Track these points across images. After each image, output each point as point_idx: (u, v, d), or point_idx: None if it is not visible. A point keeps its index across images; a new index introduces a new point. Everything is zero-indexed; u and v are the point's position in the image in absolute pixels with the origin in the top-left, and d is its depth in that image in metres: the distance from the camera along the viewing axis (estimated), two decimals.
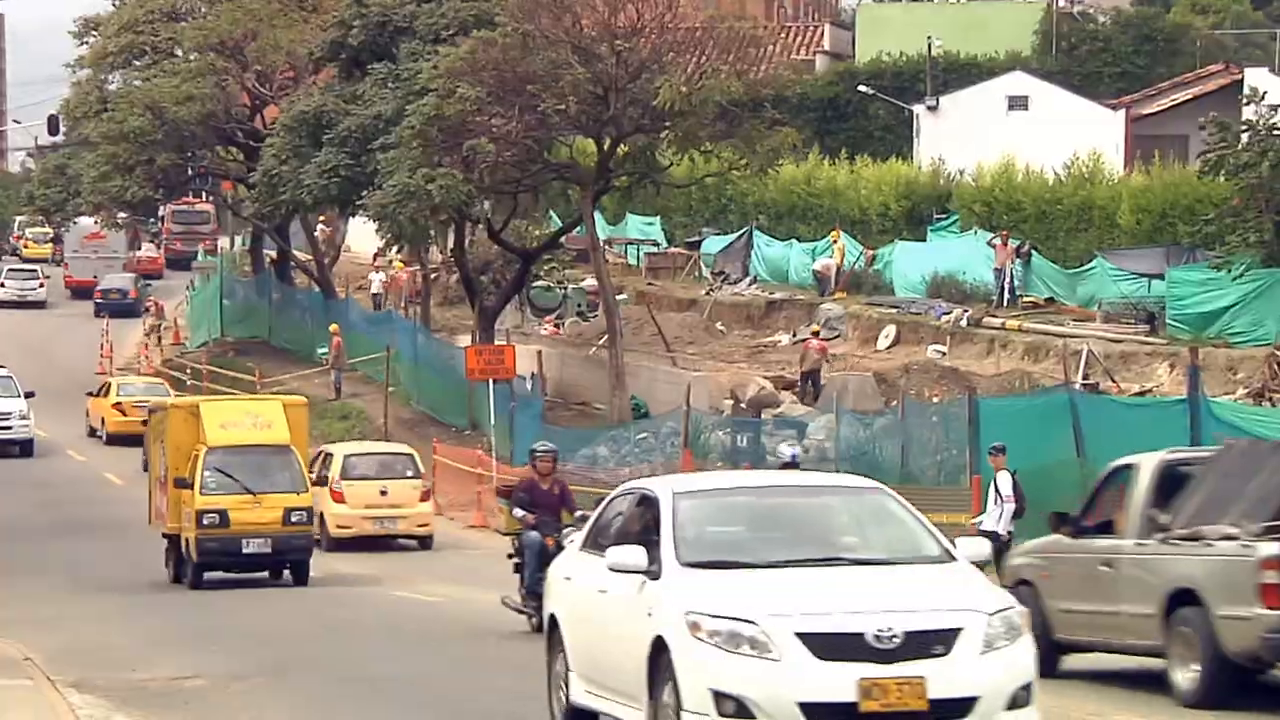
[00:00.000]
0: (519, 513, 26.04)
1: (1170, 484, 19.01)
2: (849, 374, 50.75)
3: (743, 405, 48.01)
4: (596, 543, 16.02)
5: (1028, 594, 19.66)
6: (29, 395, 57.17)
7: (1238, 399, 38.07)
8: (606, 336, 54.94)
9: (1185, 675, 17.93)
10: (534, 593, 24.12)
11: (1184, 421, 28.90)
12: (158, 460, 37.00)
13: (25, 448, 56.54)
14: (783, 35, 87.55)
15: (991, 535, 27.68)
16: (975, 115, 72.06)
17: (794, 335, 55.09)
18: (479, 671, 22.54)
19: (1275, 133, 50.86)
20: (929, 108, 74.60)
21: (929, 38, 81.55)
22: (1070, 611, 19.99)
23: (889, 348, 56.27)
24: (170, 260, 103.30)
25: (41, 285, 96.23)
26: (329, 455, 43.24)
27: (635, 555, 14.70)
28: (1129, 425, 31.26)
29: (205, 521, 33.51)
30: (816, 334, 53.91)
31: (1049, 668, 17.94)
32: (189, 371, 69.04)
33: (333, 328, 63.46)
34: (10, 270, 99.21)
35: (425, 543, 42.45)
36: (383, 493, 41.91)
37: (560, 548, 21.37)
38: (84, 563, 39.03)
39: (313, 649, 25.59)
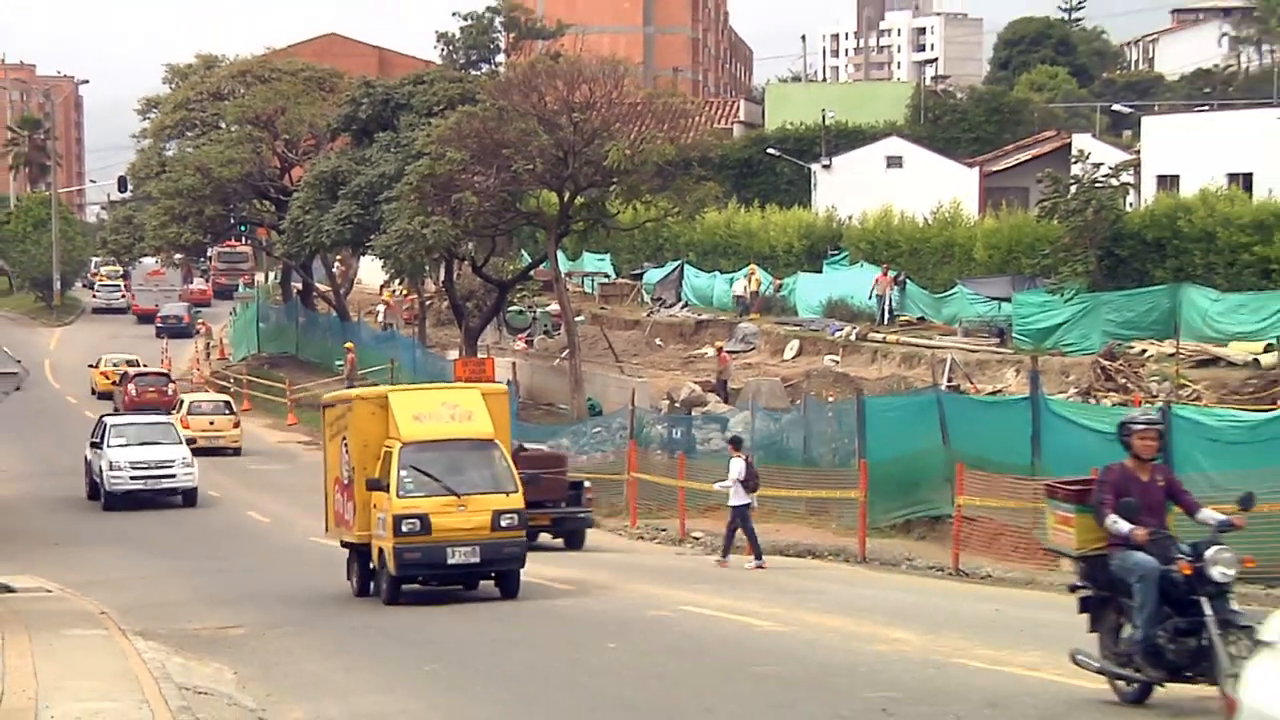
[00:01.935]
0: (1119, 525, 13.99)
1: None
2: (762, 379, 50.80)
3: (677, 405, 47.97)
4: None
5: None
6: (191, 442, 45.89)
7: (1069, 398, 38.11)
8: (567, 350, 54.90)
9: None
10: (1150, 650, 13.69)
11: (1027, 416, 28.92)
12: (336, 459, 27.21)
13: (189, 497, 43.27)
14: (707, 108, 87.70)
15: (737, 511, 29.41)
16: (860, 172, 72.35)
17: (717, 349, 55.17)
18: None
19: (1097, 185, 51.24)
20: (824, 166, 74.90)
21: (823, 110, 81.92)
22: None
23: (793, 358, 56.33)
24: (217, 291, 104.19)
25: (123, 296, 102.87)
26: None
27: None
28: (984, 419, 31.30)
29: (404, 528, 24.18)
30: (720, 349, 54.40)
31: None
32: (232, 380, 68.72)
33: (348, 345, 63.58)
34: (100, 285, 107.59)
35: None
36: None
37: (1220, 591, 13.34)
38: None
39: (336, 603, 25.56)
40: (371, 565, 25.56)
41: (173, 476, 42.93)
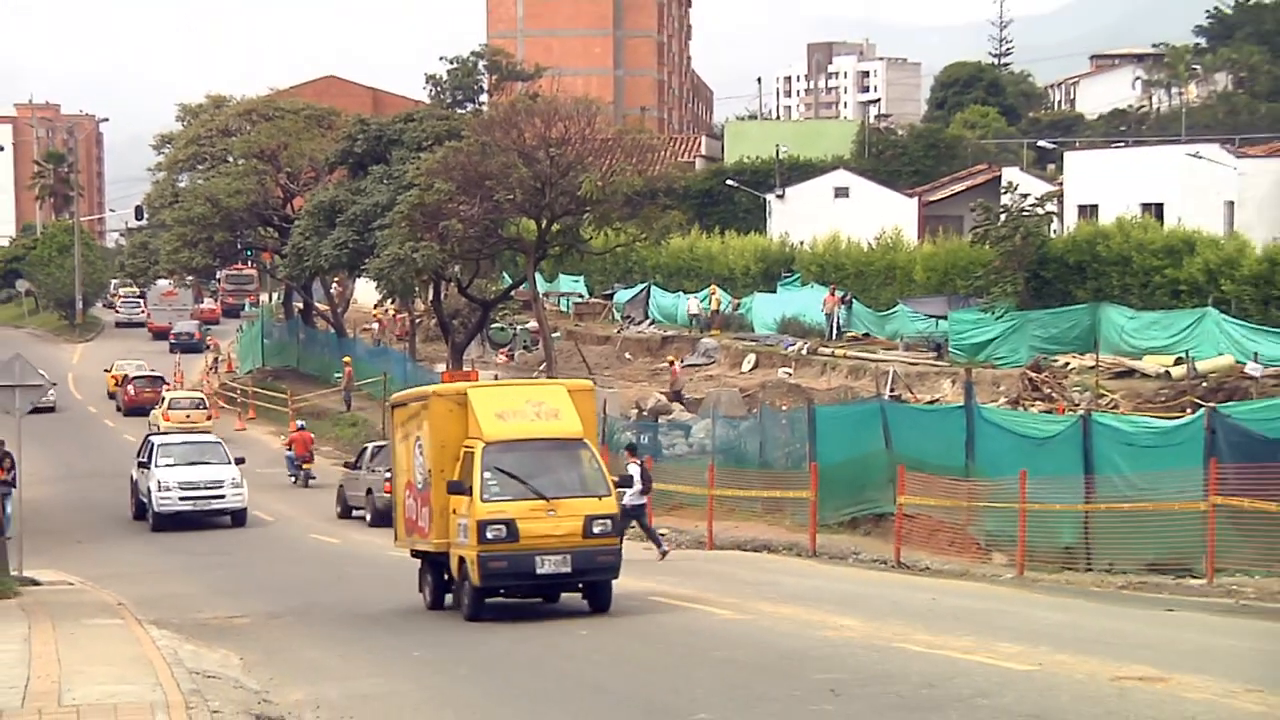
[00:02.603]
0: None
1: None
2: (722, 389, 50.72)
3: (644, 413, 47.94)
4: None
5: None
6: (239, 461, 40.97)
7: (1000, 405, 38.18)
8: (545, 363, 54.83)
9: None
10: None
11: (962, 423, 28.95)
12: (408, 462, 23.08)
13: (238, 517, 39.18)
14: (671, 144, 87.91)
15: (633, 509, 29.46)
16: (811, 202, 72.46)
17: (669, 363, 55.25)
18: None
19: (1024, 214, 51.40)
20: (778, 196, 74.95)
21: (777, 146, 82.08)
22: None
23: (751, 370, 56.30)
24: (225, 310, 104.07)
25: (141, 311, 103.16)
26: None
27: None
28: (923, 425, 31.29)
29: (489, 535, 20.35)
30: (672, 363, 54.52)
31: None
32: (239, 392, 68.42)
33: (345, 359, 63.37)
34: (121, 303, 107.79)
35: None
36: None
37: None
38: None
39: (332, 595, 25.41)
40: (446, 576, 21.98)
41: (222, 497, 38.91)
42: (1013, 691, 14.20)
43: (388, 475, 42.40)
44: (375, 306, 79.08)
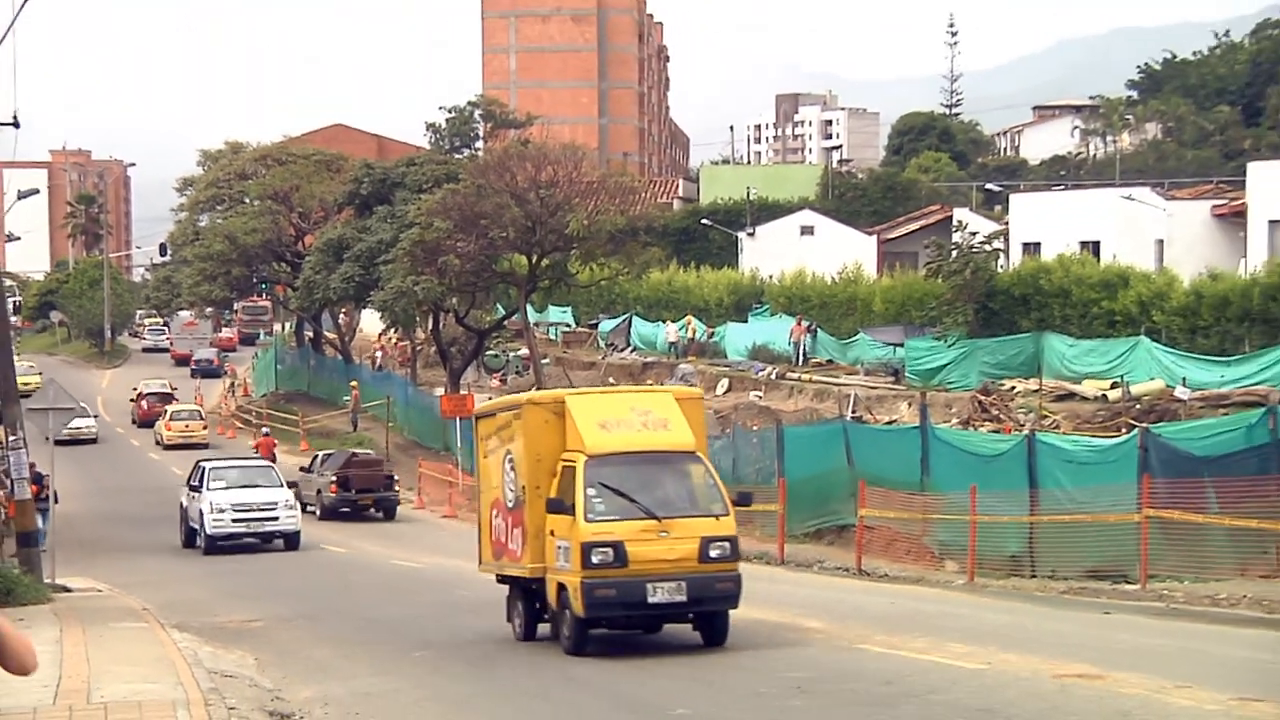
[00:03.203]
0: None
1: None
2: None
3: None
4: None
5: None
6: (291, 485, 38.26)
7: (952, 426, 38.23)
8: (535, 387, 54.69)
9: None
10: None
11: (918, 441, 28.98)
12: (496, 477, 19.27)
13: (291, 540, 35.53)
14: (651, 186, 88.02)
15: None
16: (779, 239, 72.59)
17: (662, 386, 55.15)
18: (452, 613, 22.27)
19: (973, 250, 51.50)
20: (749, 234, 75.04)
21: (748, 188, 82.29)
22: None
23: (724, 393, 56.27)
24: (241, 339, 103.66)
25: (167, 338, 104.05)
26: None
27: None
28: (882, 444, 31.32)
29: (595, 559, 16.77)
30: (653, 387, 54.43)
31: None
32: (254, 413, 68.23)
33: (352, 383, 63.38)
34: (148, 331, 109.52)
35: None
36: None
37: None
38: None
39: (339, 601, 25.32)
40: (538, 604, 18.43)
41: (275, 519, 35.46)
42: (964, 688, 14.19)
43: (334, 479, 42.88)
44: (379, 335, 79.15)
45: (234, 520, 35.13)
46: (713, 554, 16.97)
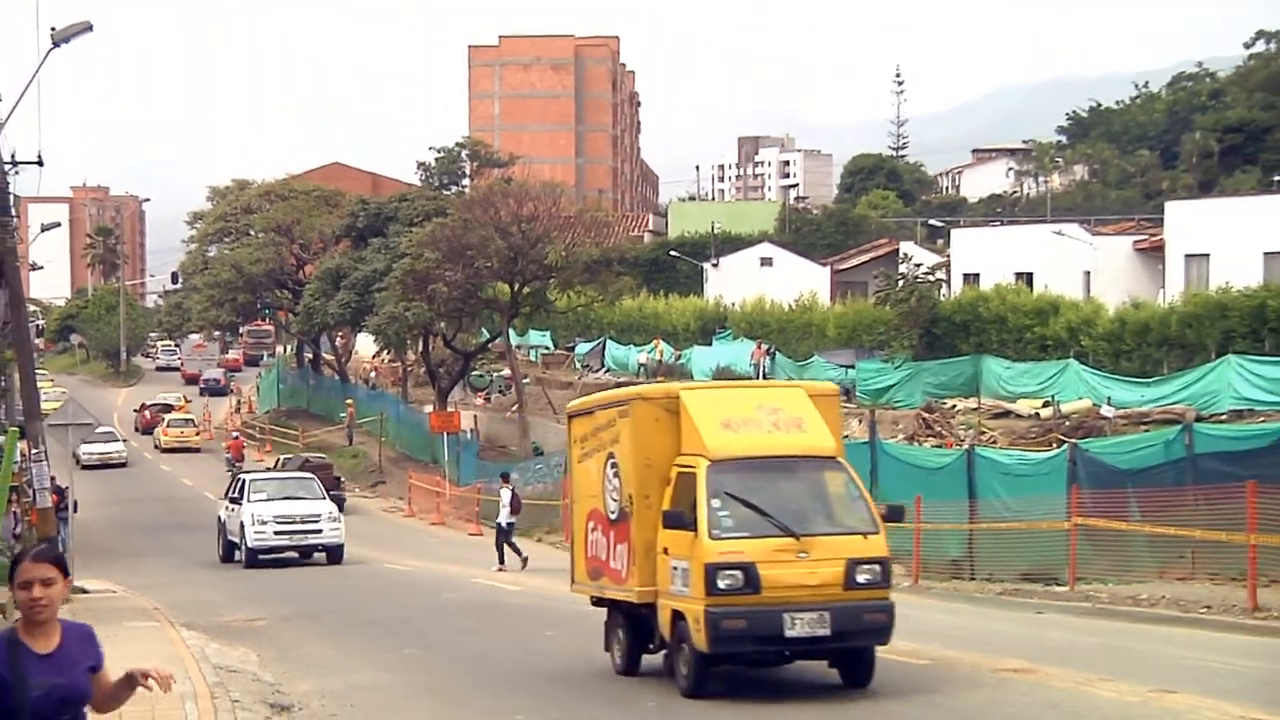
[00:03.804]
0: None
1: None
2: None
3: None
4: None
5: None
6: (335, 499, 35.66)
7: (899, 441, 38.32)
8: (517, 405, 54.70)
9: None
10: None
11: (867, 455, 29.03)
12: (595, 485, 15.23)
13: (334, 554, 32.27)
14: (624, 221, 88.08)
15: (505, 525, 31.69)
16: (741, 270, 72.70)
17: None
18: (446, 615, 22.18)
19: (918, 280, 51.71)
20: (713, 265, 75.13)
21: (713, 222, 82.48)
22: None
23: None
24: (246, 360, 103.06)
25: (179, 359, 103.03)
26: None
27: None
28: None
29: (722, 584, 12.93)
30: None
31: None
32: (258, 429, 67.95)
33: (348, 400, 63.17)
34: (161, 352, 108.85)
35: None
36: None
37: None
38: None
39: (336, 602, 25.20)
40: (645, 633, 14.57)
41: (319, 531, 32.17)
42: (910, 682, 14.19)
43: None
44: (373, 356, 78.95)
45: (276, 533, 32.05)
46: (860, 579, 13.24)
